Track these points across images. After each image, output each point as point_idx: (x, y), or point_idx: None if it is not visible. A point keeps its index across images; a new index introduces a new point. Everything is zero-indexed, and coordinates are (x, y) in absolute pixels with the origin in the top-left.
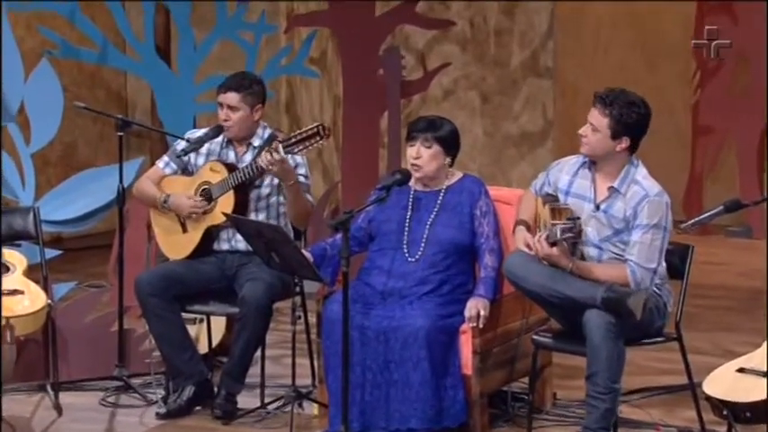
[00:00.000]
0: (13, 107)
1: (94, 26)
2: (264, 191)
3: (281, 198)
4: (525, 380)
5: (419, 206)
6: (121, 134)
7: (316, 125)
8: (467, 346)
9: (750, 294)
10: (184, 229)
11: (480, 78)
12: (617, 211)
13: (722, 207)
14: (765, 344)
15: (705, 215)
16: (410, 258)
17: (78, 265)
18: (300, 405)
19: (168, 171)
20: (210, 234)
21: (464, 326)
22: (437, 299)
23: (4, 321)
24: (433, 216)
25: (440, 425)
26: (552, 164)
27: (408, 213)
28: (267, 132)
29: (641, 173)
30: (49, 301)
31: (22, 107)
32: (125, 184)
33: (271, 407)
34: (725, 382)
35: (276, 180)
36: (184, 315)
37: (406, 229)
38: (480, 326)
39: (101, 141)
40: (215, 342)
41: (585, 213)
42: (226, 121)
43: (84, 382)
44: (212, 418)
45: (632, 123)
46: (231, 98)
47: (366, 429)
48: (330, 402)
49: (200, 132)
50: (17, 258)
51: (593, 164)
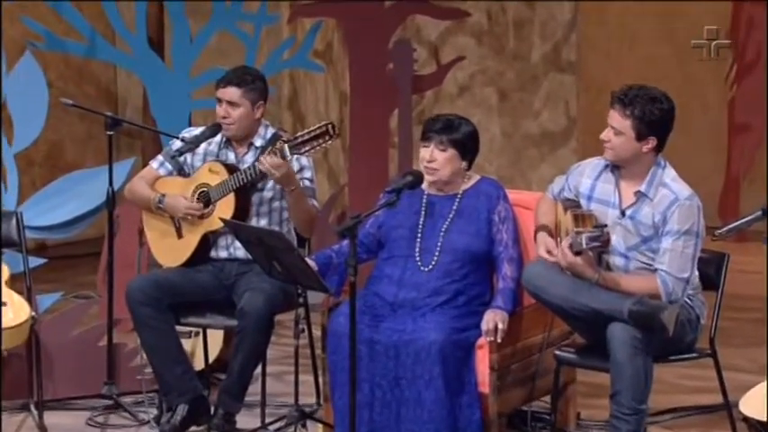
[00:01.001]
0: None
1: (82, 16)
2: (267, 195)
3: (284, 203)
4: (547, 398)
5: (433, 211)
6: (111, 133)
7: (324, 123)
8: (483, 362)
9: None
10: (180, 235)
11: (498, 73)
12: (644, 217)
13: (761, 212)
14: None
15: (742, 221)
16: (423, 267)
17: (64, 275)
18: (304, 425)
19: (163, 172)
20: (208, 240)
21: (481, 340)
22: (452, 311)
23: None
24: (447, 222)
25: None
26: (572, 167)
27: (421, 219)
28: (270, 132)
29: (669, 175)
30: (33, 313)
31: (4, 104)
32: (115, 187)
33: (272, 427)
34: (763, 402)
35: None
36: (178, 328)
37: (419, 235)
38: (498, 340)
39: (89, 141)
40: (212, 357)
41: (610, 220)
42: (225, 118)
43: (71, 401)
44: None
45: (657, 121)
46: (231, 93)
47: None
48: (336, 423)
49: (196, 131)
50: None
51: (616, 167)
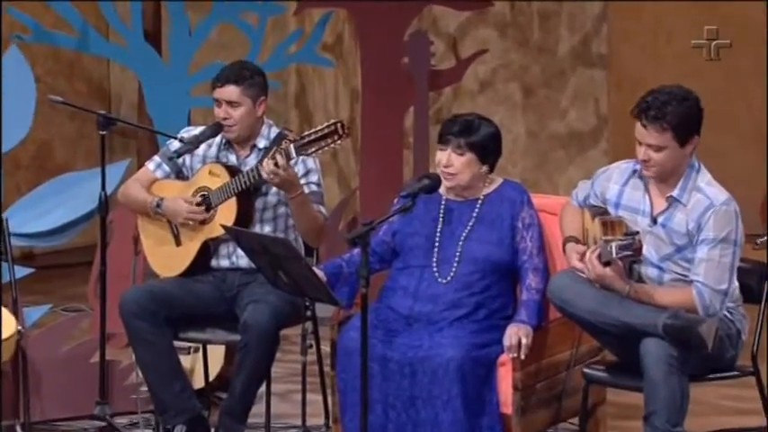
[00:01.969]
0: None
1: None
2: (272, 199)
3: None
4: (574, 420)
5: (451, 218)
6: (104, 133)
7: (333, 122)
8: (506, 381)
9: None
10: (178, 242)
11: (522, 68)
12: (678, 224)
13: None
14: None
15: None
16: (440, 279)
17: (53, 286)
18: None
19: (160, 174)
20: (208, 248)
21: (503, 357)
22: (471, 325)
23: None
24: (467, 229)
25: None
26: (597, 172)
27: (439, 226)
28: (274, 131)
29: (704, 178)
30: (20, 327)
31: None
32: (108, 191)
33: None
34: None
35: None
36: (176, 343)
37: (437, 244)
38: (522, 357)
39: (80, 141)
40: (212, 375)
41: (640, 228)
42: (226, 119)
43: (60, 423)
44: None
45: (694, 119)
46: (231, 92)
47: None
48: None
49: (195, 131)
50: None
51: None
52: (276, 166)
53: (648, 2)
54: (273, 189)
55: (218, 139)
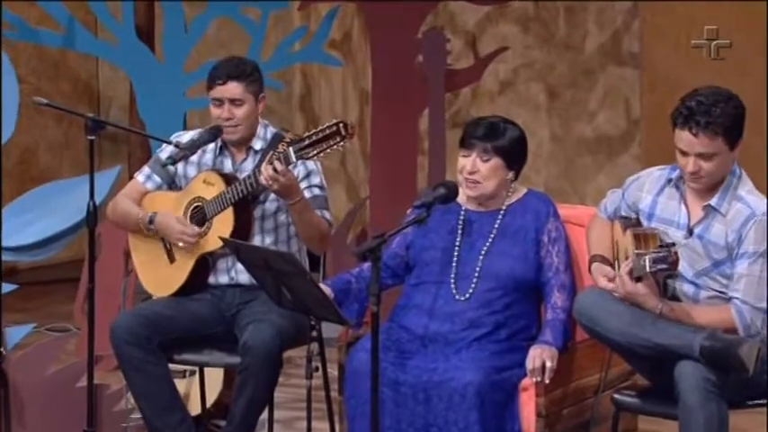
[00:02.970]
0: None
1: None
2: (270, 207)
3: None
4: None
5: (471, 230)
6: (92, 137)
7: (335, 122)
8: (529, 407)
9: None
10: (171, 258)
11: (547, 67)
12: (716, 236)
13: None
14: None
15: None
16: (458, 296)
17: (38, 304)
18: None
19: (150, 186)
20: (205, 264)
21: (525, 381)
22: (492, 346)
23: None
24: (488, 243)
25: None
26: (628, 180)
27: (458, 239)
28: (270, 132)
29: (745, 186)
30: (1, 348)
31: None
32: (97, 201)
33: None
34: None
35: None
36: (172, 367)
37: (455, 258)
38: (546, 381)
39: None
40: (210, 401)
41: (674, 241)
42: (229, 119)
43: None
44: None
45: (741, 119)
46: (234, 89)
47: None
48: None
49: (190, 135)
50: None
51: (681, 178)
52: (275, 171)
53: None
54: (272, 196)
55: (212, 144)
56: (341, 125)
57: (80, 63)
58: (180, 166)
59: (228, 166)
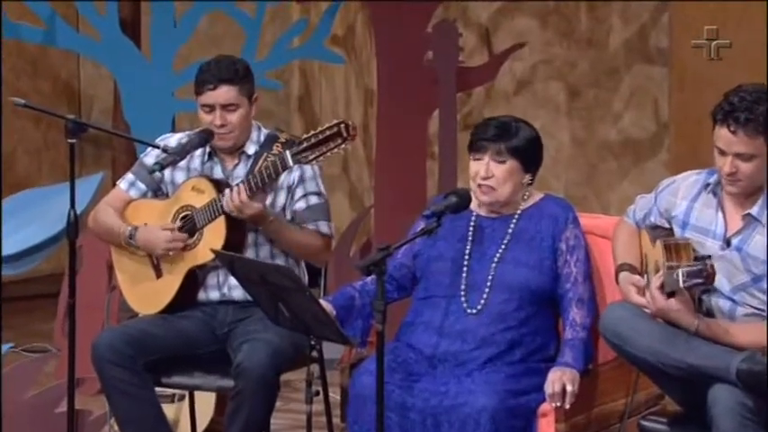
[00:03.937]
0: None
1: None
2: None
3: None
4: None
5: (483, 237)
6: (73, 141)
7: (336, 122)
8: None
9: None
10: (159, 273)
11: (567, 64)
12: (755, 248)
13: None
14: None
15: None
16: (469, 309)
17: (14, 322)
18: None
19: (134, 194)
20: (194, 279)
21: (544, 406)
22: (506, 368)
23: None
24: (501, 249)
25: None
26: (661, 184)
27: (468, 247)
28: (264, 134)
29: None
30: None
31: None
32: (78, 210)
33: None
34: None
35: (282, 198)
36: (159, 390)
37: (465, 268)
38: (567, 406)
39: (45, 150)
40: (200, 428)
41: (710, 252)
42: (223, 126)
43: None
44: None
45: None
46: (227, 94)
47: None
48: None
49: (178, 138)
50: None
51: (719, 183)
52: (240, 202)
53: None
54: (268, 202)
55: (200, 150)
56: (342, 126)
57: (60, 60)
58: (167, 172)
59: (219, 171)
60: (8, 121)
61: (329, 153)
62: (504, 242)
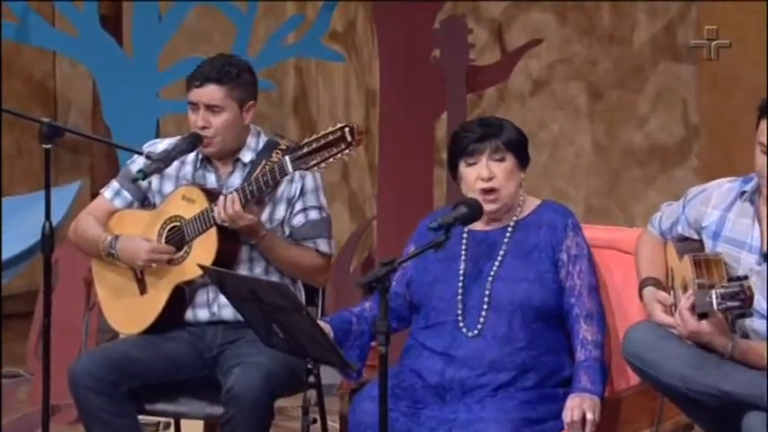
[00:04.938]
0: None
1: None
2: None
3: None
4: None
5: (477, 253)
6: (48, 146)
7: (340, 126)
8: None
9: None
10: (143, 289)
11: (588, 63)
12: None
13: None
14: None
15: None
16: (468, 332)
17: None
18: None
19: (119, 203)
20: (181, 296)
21: None
22: (520, 394)
23: None
24: (496, 264)
25: None
26: (690, 191)
27: (462, 267)
28: (263, 141)
29: None
30: None
31: None
32: (54, 221)
33: None
34: None
35: (281, 211)
36: (143, 419)
37: (460, 288)
38: None
39: (18, 157)
40: None
41: (744, 268)
42: (205, 129)
43: None
44: None
45: None
46: (212, 93)
47: None
48: None
49: (165, 144)
50: None
51: (756, 191)
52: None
53: None
54: (265, 215)
55: (192, 155)
56: (347, 130)
57: (34, 59)
58: (154, 180)
59: (212, 180)
60: None
61: (332, 159)
62: (500, 257)
